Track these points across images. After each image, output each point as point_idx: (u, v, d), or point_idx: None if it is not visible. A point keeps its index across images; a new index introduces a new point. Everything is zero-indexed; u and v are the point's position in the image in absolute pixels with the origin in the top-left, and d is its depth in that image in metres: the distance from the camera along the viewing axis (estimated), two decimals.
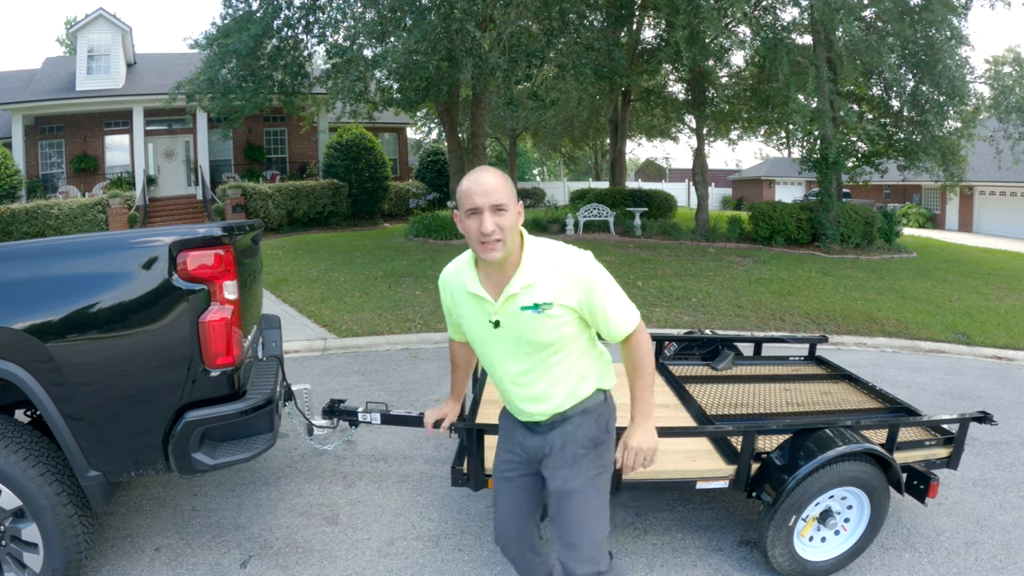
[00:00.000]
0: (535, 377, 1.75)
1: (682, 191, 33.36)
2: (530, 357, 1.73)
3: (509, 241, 1.61)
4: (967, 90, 12.70)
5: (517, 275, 1.66)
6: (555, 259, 1.68)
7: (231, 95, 12.20)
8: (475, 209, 1.59)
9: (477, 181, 1.60)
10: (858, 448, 2.43)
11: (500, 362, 1.78)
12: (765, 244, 13.56)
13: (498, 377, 1.83)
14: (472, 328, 1.81)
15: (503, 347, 1.74)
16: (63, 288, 2.11)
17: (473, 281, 1.73)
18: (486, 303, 1.71)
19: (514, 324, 1.69)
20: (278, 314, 5.21)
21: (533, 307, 1.65)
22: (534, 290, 1.65)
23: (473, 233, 1.60)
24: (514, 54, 11.51)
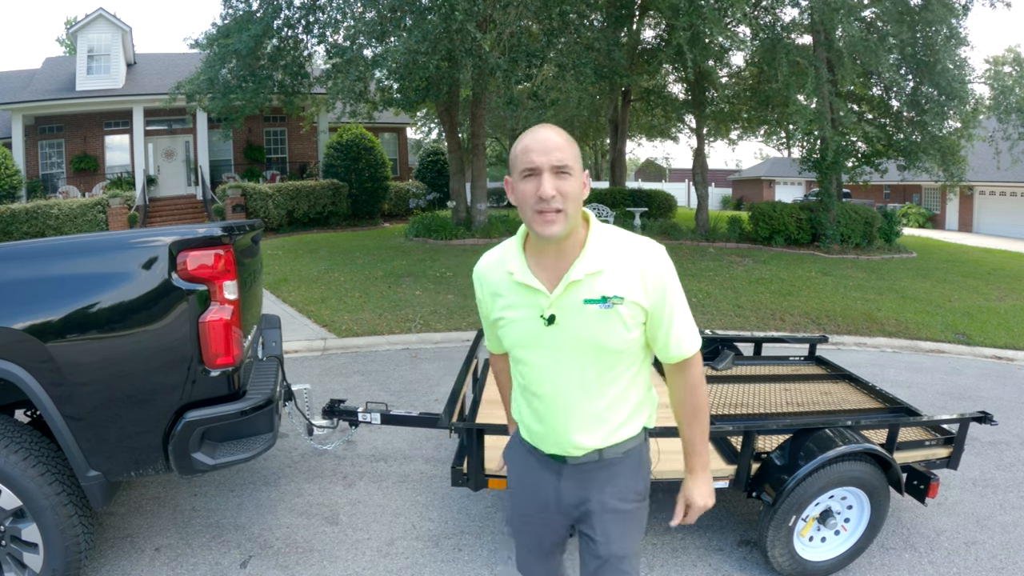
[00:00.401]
0: (589, 394, 1.43)
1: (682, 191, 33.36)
2: (587, 367, 1.41)
3: (571, 215, 1.32)
4: (966, 90, 12.71)
5: (580, 259, 1.37)
6: (627, 246, 1.40)
7: (231, 95, 12.21)
8: (532, 169, 1.31)
9: (537, 138, 1.32)
10: (858, 448, 2.43)
11: (547, 371, 1.44)
12: (765, 244, 13.56)
13: (539, 392, 1.47)
14: (516, 328, 1.45)
15: (554, 351, 1.41)
16: (63, 288, 2.11)
17: (521, 268, 1.41)
18: (538, 294, 1.39)
19: (574, 321, 1.38)
20: (278, 314, 5.21)
21: (600, 300, 1.36)
22: (601, 279, 1.37)
23: (528, 198, 1.32)
24: (514, 54, 11.51)
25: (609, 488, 1.50)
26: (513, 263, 1.44)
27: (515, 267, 1.42)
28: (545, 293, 1.39)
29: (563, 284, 1.37)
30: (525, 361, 1.48)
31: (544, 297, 1.39)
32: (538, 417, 1.49)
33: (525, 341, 1.45)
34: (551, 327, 1.39)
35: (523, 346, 1.46)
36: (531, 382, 1.48)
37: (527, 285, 1.41)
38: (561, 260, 1.39)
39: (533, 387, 1.48)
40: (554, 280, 1.39)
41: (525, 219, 1.36)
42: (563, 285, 1.37)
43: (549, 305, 1.39)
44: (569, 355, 1.41)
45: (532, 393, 1.49)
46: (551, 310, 1.39)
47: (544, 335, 1.41)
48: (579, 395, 1.43)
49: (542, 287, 1.39)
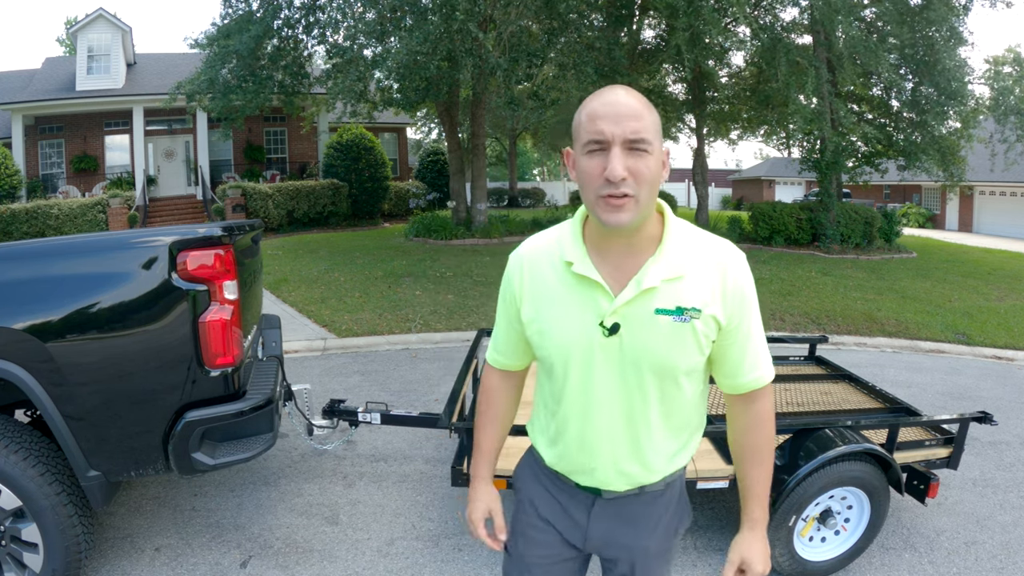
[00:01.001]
0: (647, 420, 1.20)
1: (682, 191, 33.38)
2: (649, 388, 1.17)
3: (645, 202, 1.07)
4: (966, 90, 12.72)
5: (657, 260, 1.12)
6: (708, 248, 1.17)
7: (231, 95, 12.21)
8: (600, 142, 1.05)
9: (607, 101, 1.06)
10: (858, 448, 2.43)
11: (597, 391, 1.18)
12: (765, 244, 13.56)
13: (581, 415, 1.21)
14: (563, 335, 1.17)
15: (610, 367, 1.15)
16: (63, 288, 2.11)
17: (583, 258, 1.15)
18: (601, 295, 1.13)
19: (641, 333, 1.13)
20: (278, 314, 5.21)
21: (675, 311, 1.12)
22: (680, 286, 1.13)
23: (592, 179, 1.06)
24: (514, 54, 11.52)
25: (653, 528, 1.30)
26: (573, 251, 1.16)
27: (575, 255, 1.16)
28: (610, 295, 1.13)
29: (633, 287, 1.12)
30: (566, 377, 1.20)
31: (607, 299, 1.13)
32: (579, 444, 1.23)
33: (573, 352, 1.17)
34: (611, 338, 1.14)
35: (569, 358, 1.18)
36: (572, 402, 1.22)
37: (590, 280, 1.14)
38: (630, 257, 1.14)
39: (574, 408, 1.22)
40: (621, 280, 1.14)
41: (587, 202, 1.10)
42: (633, 288, 1.12)
43: (613, 311, 1.12)
44: (628, 373, 1.16)
45: (571, 415, 1.23)
46: (615, 317, 1.13)
47: (600, 347, 1.15)
48: (634, 421, 1.20)
49: (606, 286, 1.13)
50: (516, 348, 1.34)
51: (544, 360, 1.24)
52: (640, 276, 1.12)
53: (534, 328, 1.22)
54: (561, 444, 1.27)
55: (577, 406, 1.21)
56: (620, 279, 1.14)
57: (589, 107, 1.08)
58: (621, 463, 1.22)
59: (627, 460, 1.22)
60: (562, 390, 1.22)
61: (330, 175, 17.36)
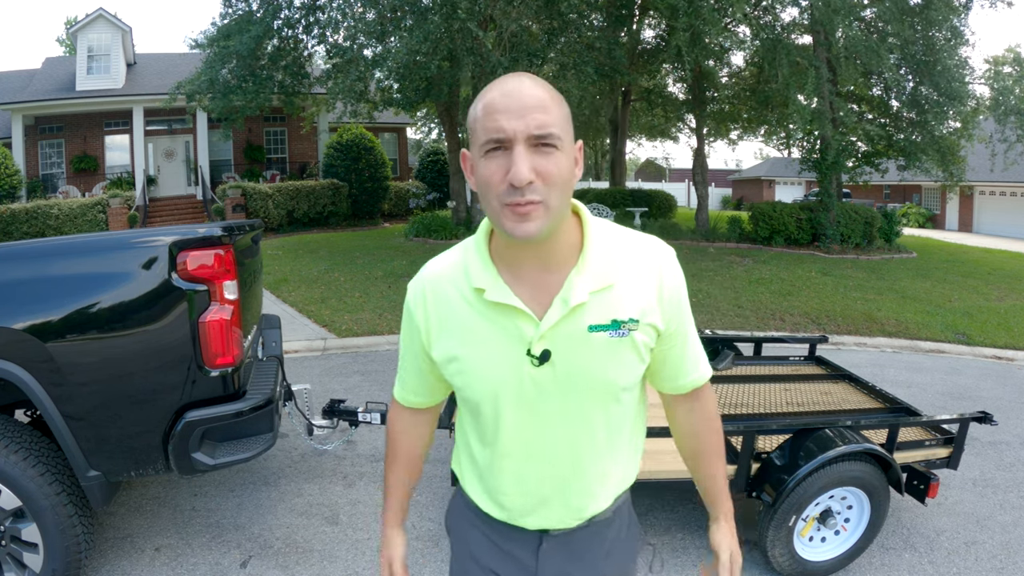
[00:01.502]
0: (595, 449, 1.06)
1: (682, 191, 33.37)
2: (592, 415, 1.03)
3: (557, 208, 0.90)
4: (966, 90, 12.72)
5: (580, 270, 0.97)
6: (638, 249, 1.02)
7: (231, 95, 12.22)
8: (500, 140, 0.87)
9: (508, 91, 0.88)
10: (858, 448, 2.43)
11: (532, 428, 1.03)
12: (765, 244, 13.56)
13: (517, 455, 1.06)
14: (487, 372, 1.01)
15: (545, 399, 1.01)
16: (63, 288, 2.11)
17: (495, 283, 0.98)
18: (522, 320, 0.97)
19: (575, 356, 0.98)
20: (278, 314, 5.21)
21: (611, 326, 0.98)
22: (613, 297, 0.98)
23: (494, 184, 0.89)
24: (515, 53, 11.52)
25: (606, 556, 1.17)
26: (481, 275, 0.99)
27: (485, 280, 0.98)
28: (533, 319, 0.97)
29: (560, 306, 0.96)
30: (497, 417, 1.03)
31: (532, 324, 0.97)
32: (519, 487, 1.08)
33: (502, 390, 1.01)
34: (542, 367, 0.98)
35: (498, 397, 1.02)
36: (507, 443, 1.05)
37: (507, 307, 0.97)
38: (549, 272, 0.98)
39: (510, 449, 1.06)
40: (543, 301, 0.98)
41: (489, 212, 0.92)
42: (559, 307, 0.96)
43: (540, 336, 0.96)
44: (567, 402, 1.01)
45: (506, 457, 1.06)
46: (543, 343, 0.97)
47: (532, 379, 0.99)
48: (579, 452, 1.05)
49: (527, 309, 0.97)
50: (428, 386, 1.17)
51: (468, 401, 1.06)
52: (565, 292, 0.96)
53: (451, 368, 1.05)
54: (498, 490, 1.10)
55: (513, 446, 1.05)
56: (542, 299, 0.98)
57: (486, 99, 0.90)
58: (569, 499, 1.08)
59: (575, 495, 1.08)
60: (495, 432, 1.06)
61: (330, 175, 17.37)
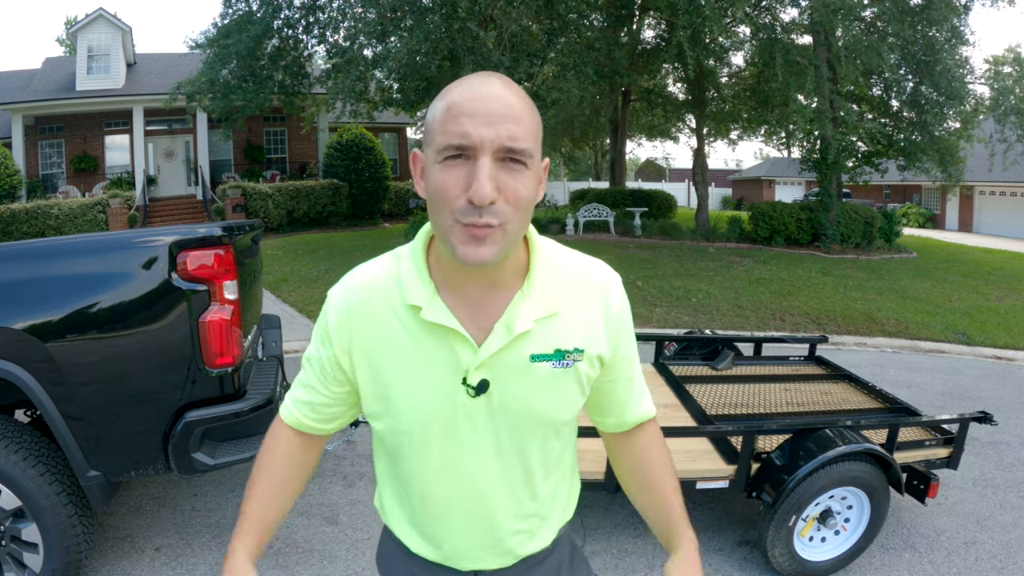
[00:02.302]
0: (531, 487, 0.97)
1: (682, 191, 33.37)
2: (529, 450, 0.94)
3: (515, 233, 0.80)
4: (966, 90, 12.72)
5: (526, 295, 0.88)
6: (583, 274, 0.95)
7: (232, 95, 12.22)
8: (463, 148, 0.76)
9: (478, 93, 0.77)
10: (858, 448, 2.43)
11: (463, 465, 0.93)
12: (765, 244, 13.56)
13: (446, 496, 0.95)
14: (415, 401, 0.90)
15: (478, 434, 0.91)
16: (63, 288, 2.12)
17: (431, 300, 0.87)
18: (460, 344, 0.87)
19: (515, 388, 0.90)
20: (278, 314, 5.21)
21: (555, 355, 0.90)
22: (557, 325, 0.90)
23: (449, 198, 0.77)
24: (515, 53, 11.53)
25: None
26: (418, 292, 0.88)
27: (422, 297, 0.87)
28: (471, 344, 0.87)
29: (503, 333, 0.87)
30: (423, 452, 0.93)
31: (470, 351, 0.87)
32: (449, 528, 0.97)
33: (430, 423, 0.90)
34: (478, 398, 0.89)
35: (425, 430, 0.91)
36: (433, 481, 0.95)
37: (445, 329, 0.86)
38: (492, 295, 0.88)
39: (436, 488, 0.95)
40: (483, 325, 0.88)
41: (438, 227, 0.81)
42: (502, 334, 0.87)
43: (479, 365, 0.87)
44: (501, 436, 0.92)
45: (433, 496, 0.96)
46: (481, 372, 0.87)
47: (464, 411, 0.89)
48: (515, 490, 0.96)
49: (467, 334, 0.87)
50: (330, 410, 1.01)
51: (389, 433, 0.94)
52: (508, 318, 0.87)
53: (373, 395, 0.93)
54: (426, 529, 0.99)
55: (440, 485, 0.95)
56: (482, 323, 0.88)
57: (450, 97, 0.78)
58: (505, 540, 0.98)
59: (512, 535, 0.98)
60: (420, 468, 0.94)
61: (330, 175, 17.37)
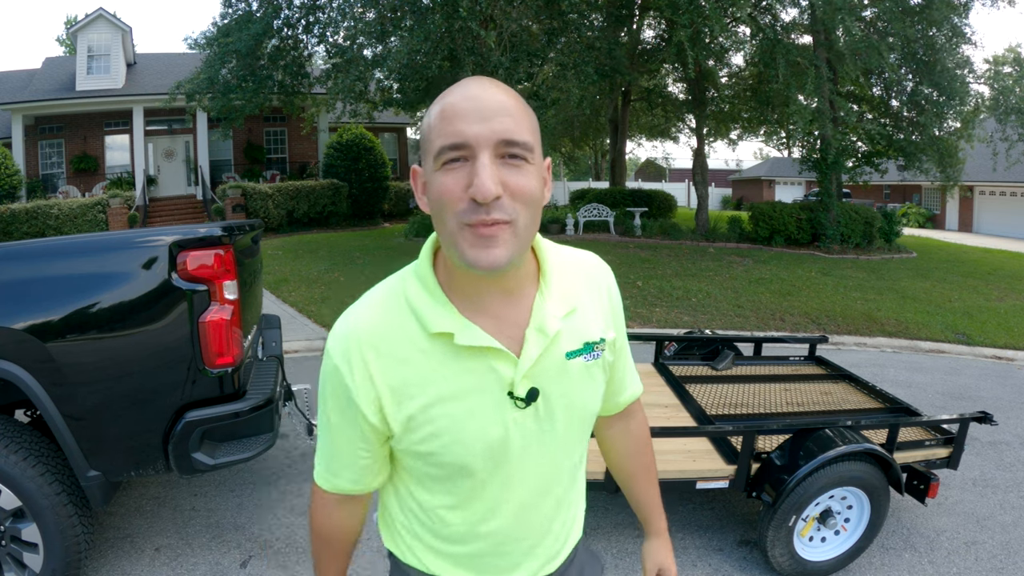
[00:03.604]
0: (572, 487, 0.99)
1: (682, 191, 33.37)
2: (573, 449, 0.95)
3: (526, 231, 0.77)
4: (966, 90, 12.73)
5: (545, 296, 0.87)
6: (585, 267, 0.97)
7: (231, 95, 12.23)
8: (459, 147, 0.74)
9: (470, 94, 0.76)
10: (858, 448, 2.43)
11: (515, 481, 0.90)
12: (765, 244, 13.56)
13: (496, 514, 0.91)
14: (464, 430, 0.84)
15: (529, 445, 0.88)
16: (63, 288, 2.11)
17: (458, 322, 0.82)
18: (497, 360, 0.84)
19: (559, 389, 0.88)
20: (278, 314, 5.22)
21: (585, 349, 0.90)
22: (578, 320, 0.90)
23: (452, 201, 0.75)
24: (515, 53, 11.53)
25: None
26: (441, 317, 0.82)
27: (448, 323, 0.82)
28: (510, 357, 0.84)
29: (538, 338, 0.85)
30: (477, 480, 0.88)
31: (508, 364, 0.84)
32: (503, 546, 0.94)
33: (485, 445, 0.85)
34: (527, 409, 0.86)
35: (480, 454, 0.85)
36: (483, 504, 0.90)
37: (481, 350, 0.82)
38: (510, 301, 0.85)
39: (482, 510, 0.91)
40: (511, 334, 0.85)
41: (445, 235, 0.77)
42: (538, 339, 0.85)
43: (524, 376, 0.84)
44: (552, 444, 0.90)
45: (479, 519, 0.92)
46: (528, 382, 0.85)
47: (516, 424, 0.86)
48: (558, 495, 0.96)
49: (505, 349, 0.84)
50: (371, 468, 0.93)
51: (440, 468, 0.87)
52: (538, 322, 0.85)
53: (419, 436, 0.85)
54: (478, 556, 0.95)
55: (489, 505, 0.90)
56: (510, 332, 0.85)
57: (443, 103, 0.76)
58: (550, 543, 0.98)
59: (554, 537, 0.98)
60: (475, 493, 0.89)
61: (330, 175, 17.37)
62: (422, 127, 0.80)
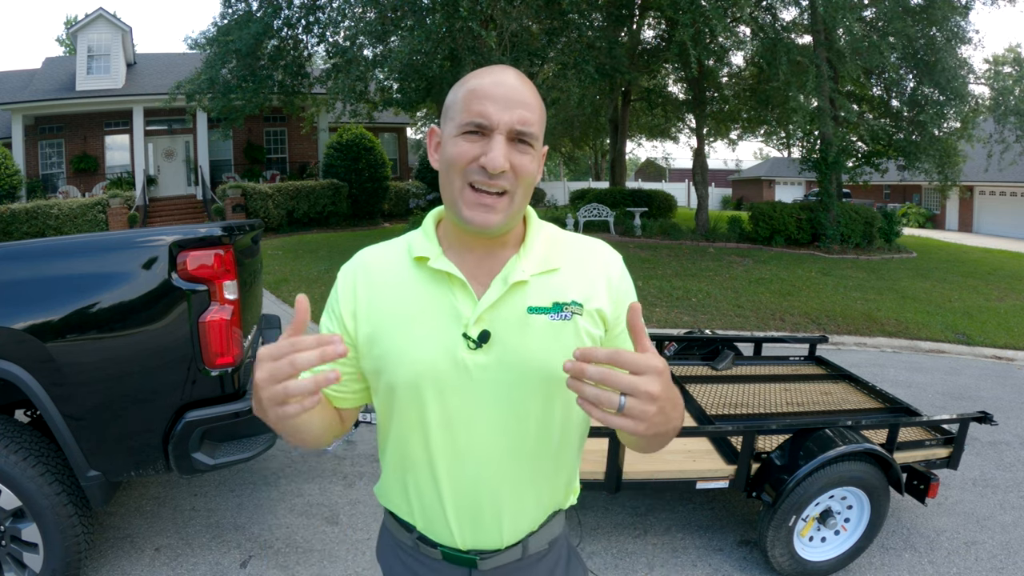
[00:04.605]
0: (526, 451, 0.96)
1: (682, 191, 33.37)
2: (528, 409, 0.94)
3: (519, 205, 0.91)
4: (966, 90, 12.73)
5: (524, 254, 0.95)
6: (583, 244, 1.03)
7: (231, 95, 12.24)
8: (481, 126, 0.86)
9: (498, 81, 0.88)
10: (858, 448, 2.43)
11: (464, 422, 0.93)
12: (765, 244, 13.56)
13: (446, 453, 0.95)
14: (416, 353, 0.92)
15: (480, 388, 0.92)
16: (63, 288, 2.11)
17: (438, 255, 0.95)
18: (461, 294, 0.92)
19: (514, 339, 0.91)
20: (278, 314, 5.22)
21: (552, 308, 0.93)
22: (556, 280, 0.95)
23: (463, 161, 0.87)
24: (515, 53, 11.53)
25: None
26: (425, 247, 0.95)
27: (429, 251, 0.94)
28: (472, 296, 0.92)
29: (499, 285, 0.92)
30: (423, 409, 0.93)
31: (470, 302, 0.92)
32: (446, 493, 0.96)
33: (428, 374, 0.91)
34: (479, 350, 0.91)
35: (424, 384, 0.92)
36: (432, 440, 0.94)
37: (449, 277, 0.93)
38: (490, 257, 0.96)
39: (434, 447, 0.94)
40: (483, 281, 0.94)
41: (449, 191, 0.90)
42: (499, 286, 0.92)
43: (478, 317, 0.90)
44: (502, 393, 0.92)
45: (431, 457, 0.95)
46: (482, 324, 0.91)
47: (464, 364, 0.91)
48: (512, 454, 0.95)
49: (468, 285, 0.92)
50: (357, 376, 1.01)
51: (389, 391, 0.94)
52: (506, 272, 0.93)
53: (375, 351, 0.94)
54: (421, 497, 0.99)
55: (441, 445, 0.94)
56: (483, 280, 0.94)
57: (472, 84, 0.88)
58: (500, 514, 0.97)
59: (505, 510, 0.97)
60: (420, 427, 0.94)
61: (330, 175, 17.37)
62: (448, 99, 0.93)
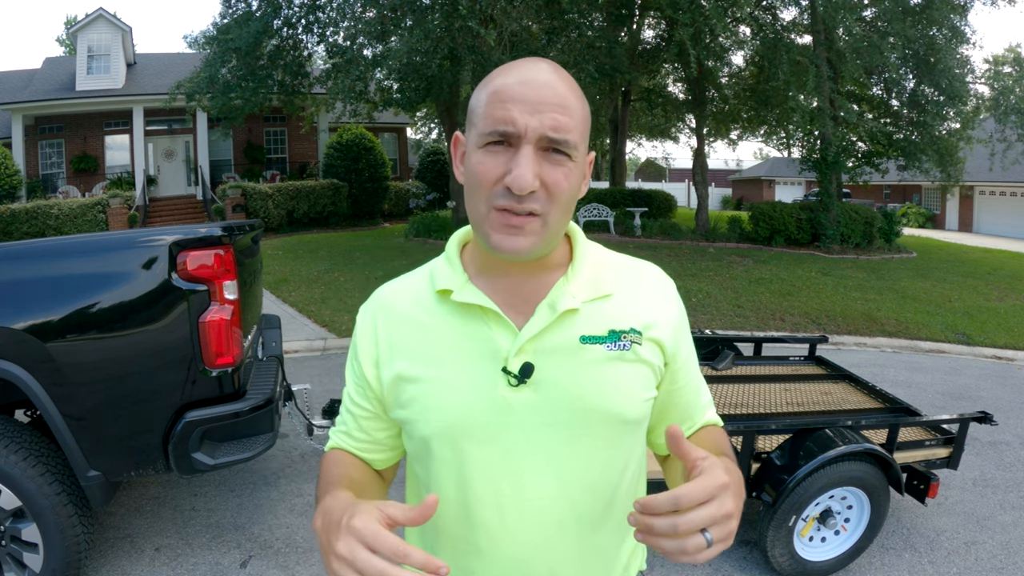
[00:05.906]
0: (591, 508, 0.81)
1: (682, 191, 33.36)
2: (589, 456, 0.79)
3: (556, 226, 0.75)
4: (966, 90, 12.73)
5: (571, 278, 0.80)
6: (640, 266, 0.88)
7: (231, 94, 12.23)
8: (506, 135, 0.71)
9: (526, 78, 0.72)
10: (858, 448, 2.43)
11: (507, 475, 0.78)
12: (765, 244, 13.56)
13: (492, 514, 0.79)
14: (444, 397, 0.78)
15: (525, 434, 0.77)
16: (63, 288, 2.11)
17: (463, 284, 0.80)
18: (496, 327, 0.78)
19: (564, 374, 0.77)
20: (278, 314, 5.22)
21: (610, 337, 0.78)
22: (610, 307, 0.80)
23: (487, 183, 0.72)
24: (516, 53, 11.53)
25: None
26: (449, 278, 0.81)
27: (453, 282, 0.80)
28: (510, 327, 0.77)
29: (546, 311, 0.77)
30: (457, 459, 0.78)
31: (508, 334, 0.77)
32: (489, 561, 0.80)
33: (463, 420, 0.77)
34: (519, 389, 0.76)
35: (460, 432, 0.78)
36: (471, 502, 0.79)
37: (478, 310, 0.78)
38: (531, 281, 0.80)
39: (474, 511, 0.79)
40: (523, 310, 0.79)
41: (473, 217, 0.76)
42: (546, 312, 0.77)
43: (519, 348, 0.76)
44: (552, 438, 0.77)
45: (470, 523, 0.80)
46: (524, 356, 0.76)
47: (506, 404, 0.76)
48: (573, 513, 0.79)
49: (503, 316, 0.77)
50: (372, 437, 0.89)
51: (420, 442, 0.81)
52: (554, 297, 0.78)
53: (402, 397, 0.81)
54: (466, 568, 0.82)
55: (481, 508, 0.79)
56: (522, 308, 0.79)
57: (497, 82, 0.73)
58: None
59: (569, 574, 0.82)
60: (456, 482, 0.79)
61: (330, 175, 17.37)
62: (472, 101, 0.77)
